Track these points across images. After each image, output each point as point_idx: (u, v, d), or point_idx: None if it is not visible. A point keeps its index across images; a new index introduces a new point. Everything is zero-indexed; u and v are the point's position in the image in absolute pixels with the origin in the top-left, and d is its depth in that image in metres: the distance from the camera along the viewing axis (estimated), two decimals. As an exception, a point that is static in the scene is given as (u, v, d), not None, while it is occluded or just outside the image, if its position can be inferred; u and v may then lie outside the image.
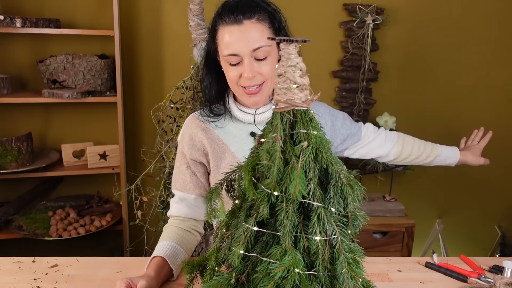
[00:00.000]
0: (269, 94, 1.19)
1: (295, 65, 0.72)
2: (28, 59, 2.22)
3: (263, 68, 1.12)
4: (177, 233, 1.20)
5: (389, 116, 2.37)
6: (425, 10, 2.46)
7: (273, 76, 1.13)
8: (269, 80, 1.15)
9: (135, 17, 2.29)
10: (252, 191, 0.71)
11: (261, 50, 1.09)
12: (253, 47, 1.09)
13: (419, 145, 1.49)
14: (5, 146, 2.01)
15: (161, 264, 1.10)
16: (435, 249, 2.68)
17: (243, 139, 1.23)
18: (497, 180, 2.70)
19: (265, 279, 0.68)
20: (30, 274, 1.16)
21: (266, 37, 1.10)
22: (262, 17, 1.11)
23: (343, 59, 2.45)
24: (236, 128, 1.24)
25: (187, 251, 1.19)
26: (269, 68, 1.12)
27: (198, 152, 1.24)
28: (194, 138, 1.23)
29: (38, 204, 2.27)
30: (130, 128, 2.37)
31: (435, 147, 1.50)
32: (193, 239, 1.24)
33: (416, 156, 1.48)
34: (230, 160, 1.21)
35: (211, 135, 1.23)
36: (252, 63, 1.11)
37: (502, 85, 2.59)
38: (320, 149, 0.71)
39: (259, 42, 1.09)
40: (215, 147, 1.22)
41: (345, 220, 0.73)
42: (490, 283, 1.16)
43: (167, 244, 1.16)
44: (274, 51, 1.13)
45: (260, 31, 1.10)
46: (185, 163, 1.26)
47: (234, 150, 1.22)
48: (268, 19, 1.13)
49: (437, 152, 1.50)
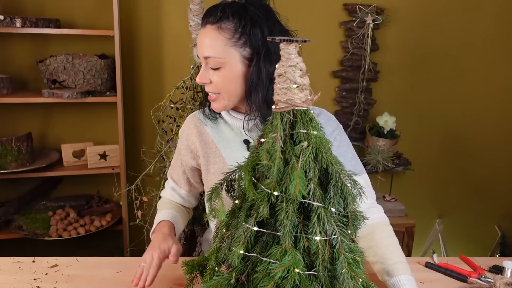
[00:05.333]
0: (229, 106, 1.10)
1: (295, 65, 0.72)
2: (28, 59, 2.22)
3: (214, 77, 1.05)
4: (175, 205, 1.30)
5: (389, 116, 2.38)
6: (425, 10, 2.46)
7: (230, 92, 1.06)
8: (225, 94, 1.07)
9: (135, 17, 2.29)
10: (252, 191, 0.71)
11: (211, 59, 1.03)
12: (204, 54, 1.03)
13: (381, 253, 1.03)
14: (5, 146, 2.01)
15: (171, 226, 1.20)
16: (435, 249, 2.68)
17: (236, 145, 1.18)
18: (497, 180, 2.70)
19: (265, 279, 0.68)
20: (30, 274, 1.16)
21: (218, 47, 1.02)
22: (226, 25, 1.02)
23: (343, 59, 2.45)
24: (231, 133, 1.20)
25: (184, 222, 1.30)
26: (220, 80, 1.04)
27: (190, 154, 1.24)
28: (189, 139, 1.23)
29: (38, 204, 2.27)
30: (130, 128, 2.37)
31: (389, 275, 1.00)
32: (187, 214, 1.35)
33: (368, 254, 1.06)
34: (220, 166, 1.18)
35: (205, 137, 1.21)
36: (207, 69, 1.05)
37: (502, 85, 2.59)
38: (320, 149, 0.71)
39: (209, 51, 1.02)
40: (207, 151, 1.20)
41: (345, 220, 0.73)
42: (490, 283, 1.16)
43: (169, 212, 1.24)
44: (229, 65, 1.03)
45: (213, 40, 1.02)
46: (180, 160, 1.28)
47: (225, 156, 1.18)
48: (233, 31, 1.02)
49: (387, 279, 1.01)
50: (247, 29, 1.01)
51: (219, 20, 1.02)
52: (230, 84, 1.05)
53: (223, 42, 1.01)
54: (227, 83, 1.05)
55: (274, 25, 1.07)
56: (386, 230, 1.09)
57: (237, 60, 1.03)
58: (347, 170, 0.74)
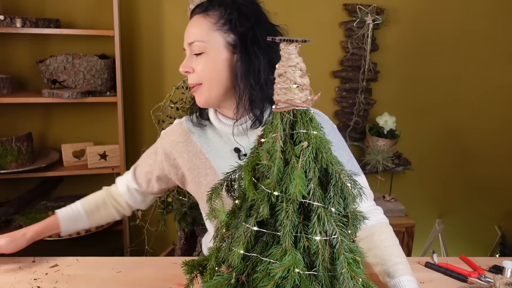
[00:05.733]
0: (212, 100, 1.06)
1: (295, 65, 0.72)
2: (28, 59, 2.22)
3: (197, 65, 1.03)
4: (96, 204, 1.27)
5: (389, 116, 2.38)
6: (425, 10, 2.46)
7: (213, 80, 1.03)
8: (206, 83, 1.04)
9: (135, 17, 2.29)
10: (252, 191, 0.71)
11: (195, 45, 1.03)
12: (188, 40, 1.04)
13: (381, 255, 1.04)
14: (5, 146, 2.01)
15: (53, 225, 1.23)
16: (435, 249, 2.68)
17: (227, 155, 1.12)
18: (497, 180, 2.70)
19: (265, 279, 0.68)
20: (30, 274, 1.16)
21: (204, 32, 1.02)
22: (212, 12, 1.03)
23: (343, 59, 2.45)
24: (220, 141, 1.14)
25: (93, 222, 1.28)
26: (203, 67, 1.03)
27: (171, 162, 1.17)
28: (174, 147, 1.16)
29: (38, 204, 2.27)
30: (130, 128, 2.37)
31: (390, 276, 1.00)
32: (110, 216, 1.30)
33: (368, 255, 1.06)
34: (212, 178, 1.12)
35: (193, 147, 1.15)
36: (191, 58, 1.05)
37: (502, 85, 2.59)
38: (320, 149, 0.71)
39: (193, 36, 1.03)
40: (196, 162, 1.14)
41: (345, 220, 0.73)
42: (490, 283, 1.16)
43: (76, 208, 1.26)
44: (212, 50, 1.02)
45: (199, 26, 1.03)
46: (152, 160, 1.22)
47: (216, 166, 1.12)
48: (218, 16, 1.02)
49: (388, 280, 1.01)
50: (233, 17, 1.01)
51: (205, 9, 1.03)
52: (213, 71, 1.03)
53: (207, 26, 1.02)
54: (211, 71, 1.03)
55: (261, 17, 1.05)
56: (385, 231, 1.09)
57: (221, 45, 1.02)
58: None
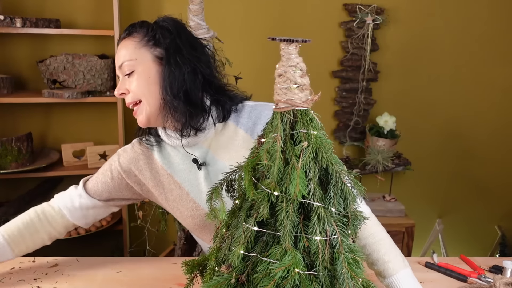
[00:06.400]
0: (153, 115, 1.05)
1: (295, 65, 0.72)
2: (28, 59, 2.22)
3: (131, 85, 1.04)
4: (24, 231, 1.15)
5: (389, 116, 2.38)
6: (425, 10, 2.46)
7: (148, 95, 1.04)
8: (144, 99, 1.04)
9: (135, 17, 2.29)
10: (252, 191, 0.71)
11: (124, 65, 1.04)
12: (118, 63, 1.05)
13: (370, 256, 1.02)
14: (5, 146, 2.01)
15: None
16: (435, 249, 2.68)
17: (187, 167, 1.13)
18: (497, 180, 2.70)
19: (265, 279, 0.68)
20: (30, 274, 1.16)
21: (130, 50, 1.04)
22: (136, 33, 1.06)
23: (343, 59, 2.45)
24: (177, 155, 1.14)
25: (18, 252, 1.15)
26: (136, 84, 1.03)
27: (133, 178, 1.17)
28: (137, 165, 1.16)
29: (38, 204, 2.26)
30: (130, 128, 2.37)
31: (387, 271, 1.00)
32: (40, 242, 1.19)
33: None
34: (178, 192, 1.13)
35: (155, 165, 1.15)
36: (124, 80, 1.05)
37: (502, 85, 2.59)
38: (320, 149, 0.71)
39: (122, 58, 1.04)
40: (160, 178, 1.15)
41: (345, 220, 0.73)
42: (490, 283, 1.16)
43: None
44: (141, 66, 1.04)
45: (125, 47, 1.05)
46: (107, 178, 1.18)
47: (180, 181, 1.13)
48: (143, 35, 1.05)
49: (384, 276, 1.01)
50: (157, 32, 1.05)
51: (129, 33, 1.06)
52: (146, 86, 1.03)
53: (133, 45, 1.04)
54: (144, 86, 1.03)
55: (183, 30, 1.09)
56: (371, 230, 1.03)
57: (149, 59, 1.04)
58: None
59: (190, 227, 1.19)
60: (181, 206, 1.15)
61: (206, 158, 1.12)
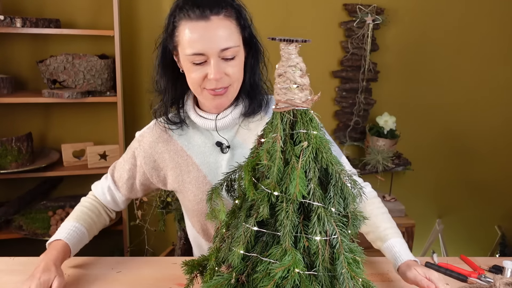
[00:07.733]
0: (234, 97, 1.09)
1: (295, 65, 0.72)
2: (28, 59, 2.22)
3: (230, 69, 1.01)
4: (89, 216, 1.20)
5: (389, 116, 2.38)
6: (425, 10, 2.46)
7: (240, 78, 1.06)
8: (235, 83, 1.05)
9: (135, 17, 2.29)
10: (252, 191, 0.71)
11: (230, 50, 0.99)
12: (221, 46, 0.98)
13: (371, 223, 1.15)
14: (5, 146, 2.01)
15: (64, 249, 1.10)
16: (435, 249, 2.68)
17: (209, 150, 1.14)
18: (497, 180, 2.70)
19: (265, 279, 0.69)
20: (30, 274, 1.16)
21: (234, 35, 1.00)
22: (229, 13, 1.00)
23: (343, 59, 2.45)
24: (201, 137, 1.15)
25: (91, 235, 1.22)
26: (236, 69, 1.02)
27: (152, 164, 1.17)
28: (154, 148, 1.16)
29: (38, 204, 2.27)
30: (130, 128, 2.37)
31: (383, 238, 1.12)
32: (102, 222, 1.26)
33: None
34: (195, 175, 1.13)
35: (173, 146, 1.15)
36: (219, 63, 0.99)
37: (502, 85, 2.59)
38: (320, 149, 0.71)
39: (228, 42, 0.98)
40: (178, 160, 1.15)
41: (345, 220, 0.73)
42: (490, 283, 1.16)
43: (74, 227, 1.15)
44: (241, 51, 1.04)
45: (229, 29, 0.99)
46: (131, 165, 1.19)
47: (199, 163, 1.13)
48: (235, 16, 1.01)
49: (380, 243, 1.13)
50: (241, 13, 1.04)
51: (223, 8, 0.99)
52: (240, 71, 1.06)
53: (234, 29, 1.01)
54: (240, 72, 1.05)
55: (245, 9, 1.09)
56: (375, 202, 1.20)
57: (242, 45, 1.05)
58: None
59: (202, 213, 1.17)
60: (196, 188, 1.15)
61: (233, 141, 1.14)
